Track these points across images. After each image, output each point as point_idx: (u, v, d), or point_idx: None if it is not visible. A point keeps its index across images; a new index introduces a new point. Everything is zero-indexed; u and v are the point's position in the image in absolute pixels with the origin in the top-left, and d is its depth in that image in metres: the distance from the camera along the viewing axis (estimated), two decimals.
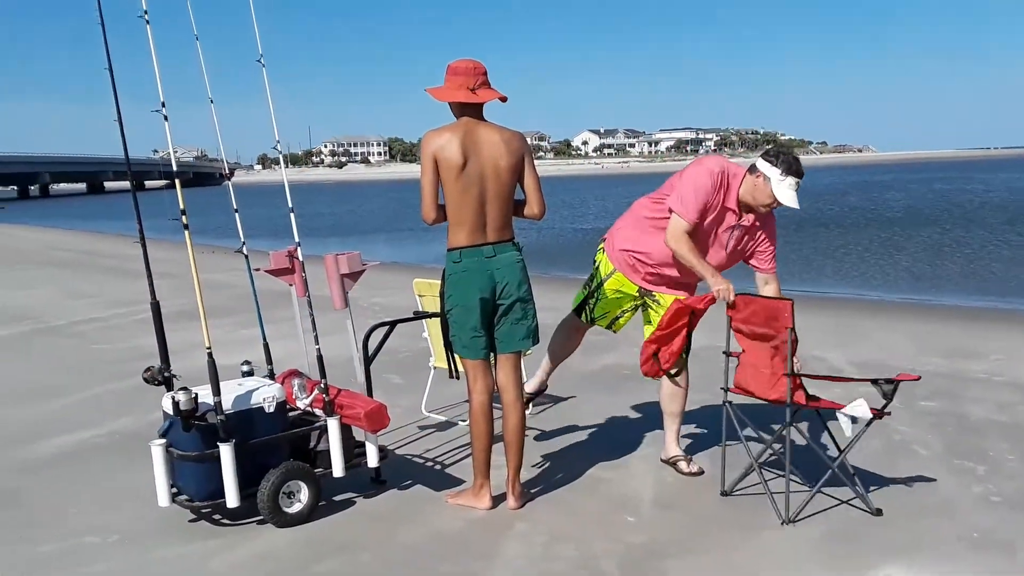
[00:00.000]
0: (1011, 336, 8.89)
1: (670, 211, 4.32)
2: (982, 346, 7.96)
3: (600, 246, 4.76)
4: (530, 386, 4.98)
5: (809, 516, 3.95)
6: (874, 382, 3.94)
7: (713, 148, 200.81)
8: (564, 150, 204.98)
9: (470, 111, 3.98)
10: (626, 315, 4.77)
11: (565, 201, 46.27)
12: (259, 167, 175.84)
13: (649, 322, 4.62)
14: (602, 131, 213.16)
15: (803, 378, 3.98)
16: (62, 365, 7.80)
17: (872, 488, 4.28)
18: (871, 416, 3.88)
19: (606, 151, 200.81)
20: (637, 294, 4.63)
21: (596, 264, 4.74)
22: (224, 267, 12.14)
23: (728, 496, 4.22)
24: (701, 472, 4.48)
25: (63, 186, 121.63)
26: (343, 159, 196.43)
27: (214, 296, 10.78)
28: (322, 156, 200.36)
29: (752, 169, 4.33)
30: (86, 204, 71.49)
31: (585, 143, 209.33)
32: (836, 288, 14.02)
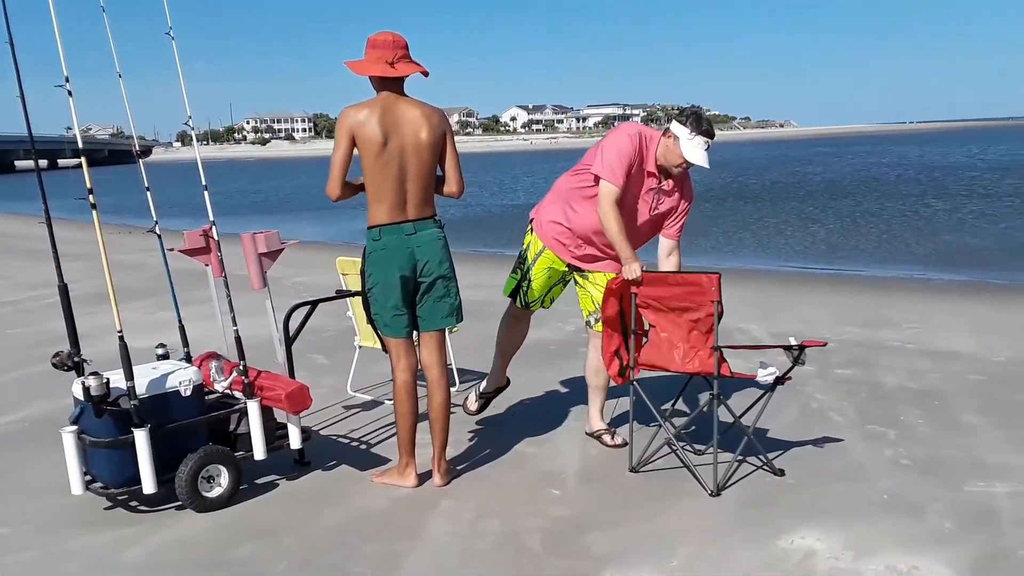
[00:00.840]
0: (923, 305, 9.21)
1: (596, 180, 4.34)
2: (896, 315, 8.23)
3: (528, 227, 4.75)
4: (489, 384, 4.99)
5: (727, 485, 4.04)
6: (786, 348, 4.05)
7: (640, 122, 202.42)
8: (492, 126, 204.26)
9: (390, 85, 3.92)
10: (556, 288, 4.76)
11: (495, 178, 46.20)
12: (178, 144, 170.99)
13: (582, 301, 4.66)
14: (530, 107, 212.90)
15: (723, 350, 4.06)
16: None
17: (784, 453, 4.42)
18: (772, 382, 4.01)
19: (535, 127, 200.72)
20: (567, 270, 4.65)
21: (525, 246, 4.73)
22: (138, 247, 11.79)
23: (636, 472, 4.26)
24: (625, 444, 4.53)
25: None
26: (266, 136, 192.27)
27: (128, 278, 10.47)
28: (244, 133, 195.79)
29: (665, 131, 4.39)
30: None
31: (514, 119, 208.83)
32: (757, 261, 14.33)
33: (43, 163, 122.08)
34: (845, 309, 8.78)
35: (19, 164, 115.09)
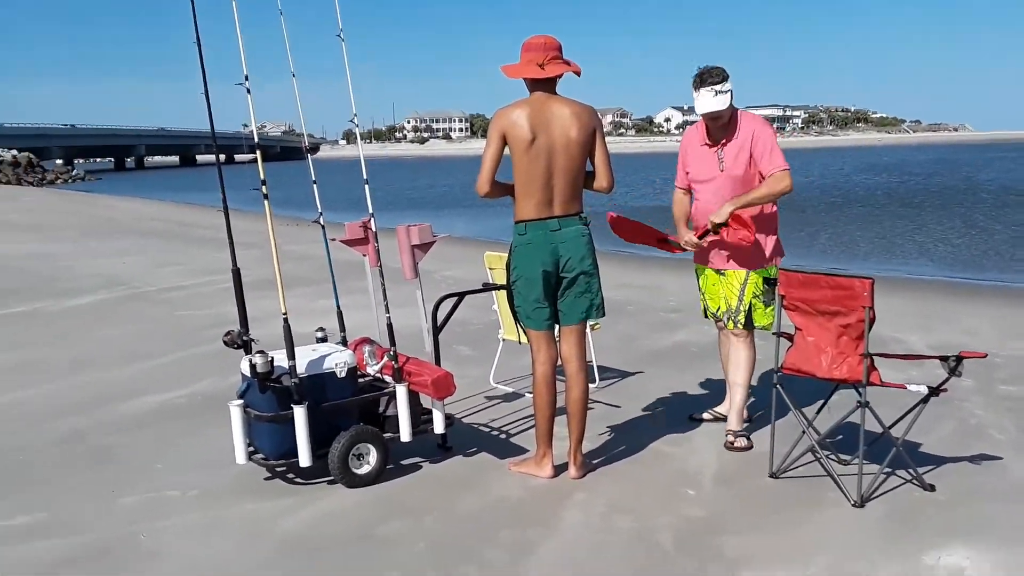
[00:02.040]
0: None
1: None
2: None
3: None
4: (723, 407, 5.08)
5: (870, 496, 3.91)
6: (942, 359, 3.89)
7: (801, 126, 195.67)
8: (646, 127, 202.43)
9: (542, 86, 4.03)
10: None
11: (644, 178, 45.84)
12: (343, 142, 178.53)
13: (717, 300, 4.75)
14: (685, 108, 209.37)
15: (874, 358, 3.93)
16: (150, 330, 8.16)
17: (936, 468, 4.23)
18: (927, 393, 3.84)
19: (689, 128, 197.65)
20: (716, 273, 4.77)
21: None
22: (305, 239, 12.45)
23: (776, 478, 4.19)
24: (749, 447, 4.52)
25: (157, 159, 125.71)
26: (425, 135, 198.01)
27: (295, 267, 11.09)
28: (405, 132, 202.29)
29: None
30: (178, 176, 73.91)
31: (668, 120, 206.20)
32: (918, 269, 13.62)
33: (222, 157, 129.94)
34: (1014, 323, 8.25)
35: (200, 158, 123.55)
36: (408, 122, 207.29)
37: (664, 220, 5.20)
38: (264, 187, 3.93)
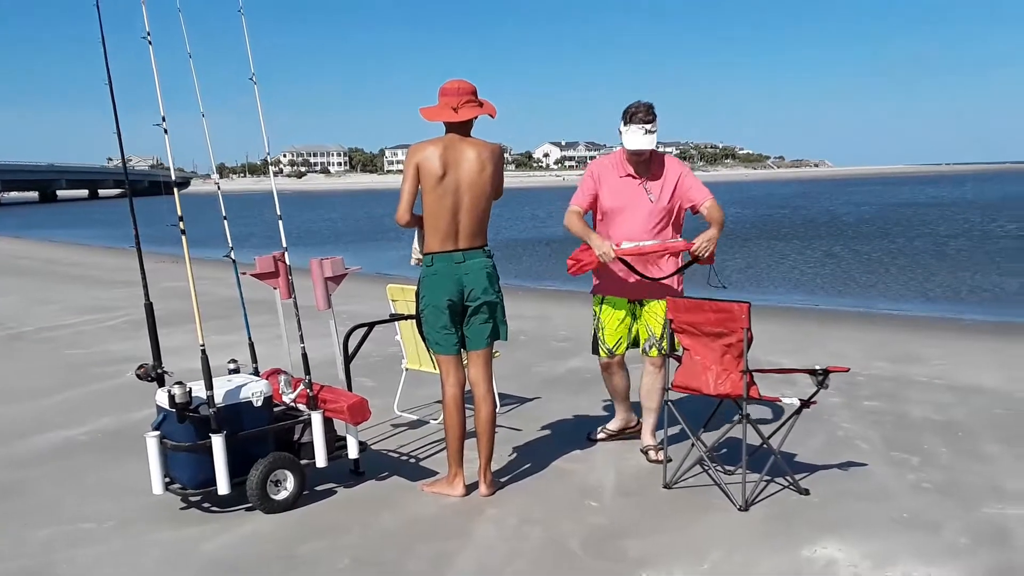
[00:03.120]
0: (953, 343, 9.37)
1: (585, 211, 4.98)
2: (926, 352, 8.41)
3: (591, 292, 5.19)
4: (614, 424, 5.44)
5: (753, 500, 4.30)
6: (811, 372, 4.34)
7: None
8: (525, 162, 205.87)
9: (455, 128, 4.32)
10: (633, 327, 5.07)
11: (529, 212, 46.81)
12: (217, 176, 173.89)
13: (639, 330, 5.06)
14: (563, 143, 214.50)
15: (754, 374, 4.34)
16: (36, 369, 7.93)
17: (811, 475, 4.67)
18: (799, 405, 4.29)
19: (567, 163, 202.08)
20: (629, 305, 5.02)
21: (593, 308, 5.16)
22: (187, 276, 12.23)
23: (669, 488, 4.54)
24: (669, 460, 4.75)
25: (13, 195, 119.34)
26: (302, 168, 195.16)
27: (183, 304, 10.91)
28: (281, 166, 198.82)
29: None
30: (37, 213, 70.43)
31: (547, 155, 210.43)
32: (789, 297, 14.54)
33: (84, 193, 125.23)
34: (875, 345, 8.96)
35: (61, 193, 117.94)
36: (284, 156, 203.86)
37: (552, 251, 5.54)
38: (182, 223, 4.03)
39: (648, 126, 4.72)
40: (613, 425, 5.44)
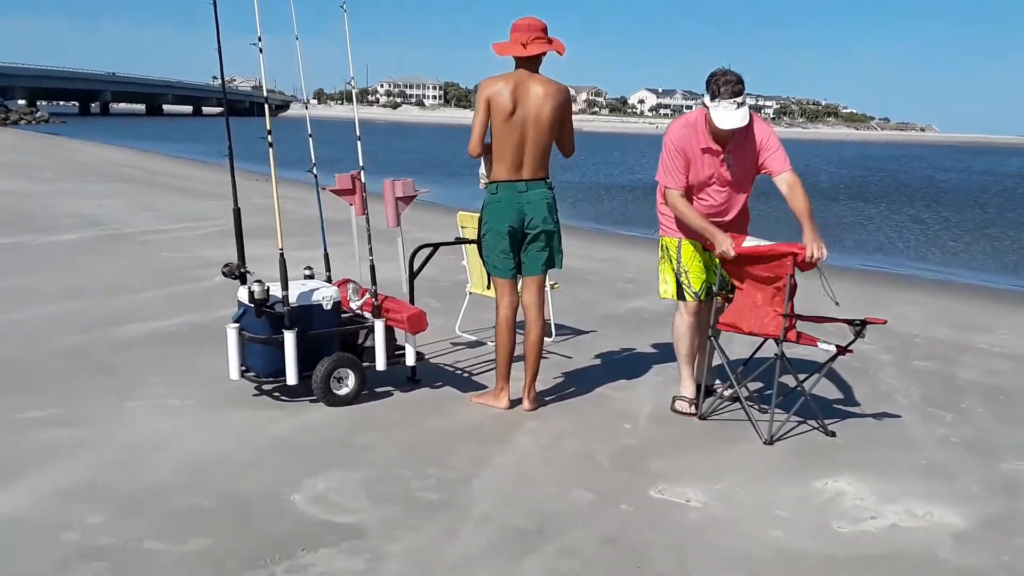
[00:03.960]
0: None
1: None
2: (993, 322, 8.38)
3: (656, 233, 4.97)
4: (688, 391, 4.95)
5: (781, 437, 4.55)
6: (848, 322, 4.51)
7: (772, 116, 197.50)
8: (620, 107, 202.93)
9: (525, 64, 4.57)
10: (712, 271, 4.82)
11: (618, 159, 46.55)
12: (315, 102, 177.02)
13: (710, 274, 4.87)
14: (660, 91, 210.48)
15: (797, 319, 4.54)
16: (136, 267, 8.61)
17: (842, 421, 4.87)
18: (836, 352, 4.48)
19: (662, 111, 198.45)
20: (704, 249, 4.80)
21: (664, 248, 4.91)
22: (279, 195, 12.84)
23: (704, 419, 4.81)
24: (693, 415, 4.85)
25: (123, 106, 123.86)
26: (398, 100, 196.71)
27: (268, 219, 11.51)
28: (378, 95, 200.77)
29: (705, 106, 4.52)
30: (143, 125, 73.10)
31: (642, 102, 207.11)
32: (869, 258, 14.38)
33: (188, 109, 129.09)
34: (942, 311, 8.95)
35: (167, 108, 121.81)
36: (381, 86, 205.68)
37: (635, 197, 5.73)
38: (270, 136, 4.41)
39: (739, 99, 4.36)
40: (690, 391, 4.96)
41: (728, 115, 4.38)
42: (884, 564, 3.28)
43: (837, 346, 4.58)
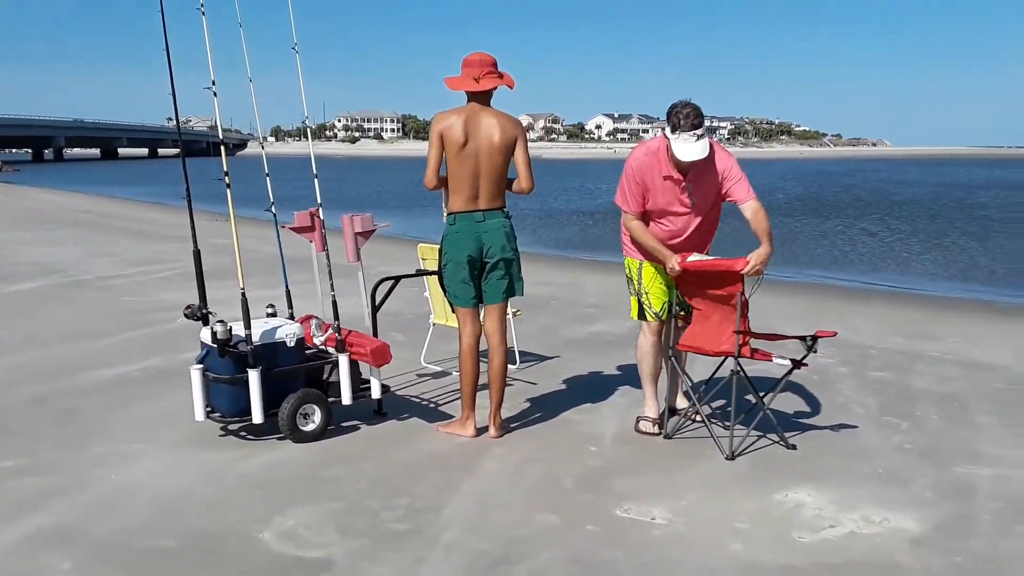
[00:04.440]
0: (975, 323, 9.50)
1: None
2: (944, 331, 8.58)
3: (624, 253, 5.06)
4: (652, 410, 5.05)
5: (742, 452, 4.66)
6: (800, 338, 4.65)
7: (727, 136, 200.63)
8: (577, 133, 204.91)
9: (477, 97, 4.68)
10: (672, 292, 4.91)
11: (577, 184, 46.97)
12: (272, 139, 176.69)
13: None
14: (616, 115, 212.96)
15: (751, 336, 4.67)
16: (96, 313, 8.54)
17: (802, 433, 4.99)
18: (791, 366, 4.61)
19: (619, 136, 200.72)
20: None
21: (627, 273, 5.04)
22: (231, 233, 12.81)
23: (669, 439, 4.91)
24: (657, 435, 4.95)
25: (77, 151, 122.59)
26: (356, 134, 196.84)
27: (225, 259, 11.50)
28: (335, 131, 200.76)
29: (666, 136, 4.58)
30: (99, 169, 72.37)
31: (599, 127, 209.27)
32: (822, 273, 14.67)
33: (144, 152, 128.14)
34: (896, 322, 9.13)
35: (122, 151, 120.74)
36: (339, 121, 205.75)
37: (595, 222, 5.85)
38: (227, 178, 4.47)
39: (698, 131, 4.45)
40: (653, 411, 5.07)
41: (688, 147, 4.48)
42: (844, 571, 3.38)
43: (792, 360, 4.71)
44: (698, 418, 5.02)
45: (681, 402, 5.31)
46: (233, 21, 4.91)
